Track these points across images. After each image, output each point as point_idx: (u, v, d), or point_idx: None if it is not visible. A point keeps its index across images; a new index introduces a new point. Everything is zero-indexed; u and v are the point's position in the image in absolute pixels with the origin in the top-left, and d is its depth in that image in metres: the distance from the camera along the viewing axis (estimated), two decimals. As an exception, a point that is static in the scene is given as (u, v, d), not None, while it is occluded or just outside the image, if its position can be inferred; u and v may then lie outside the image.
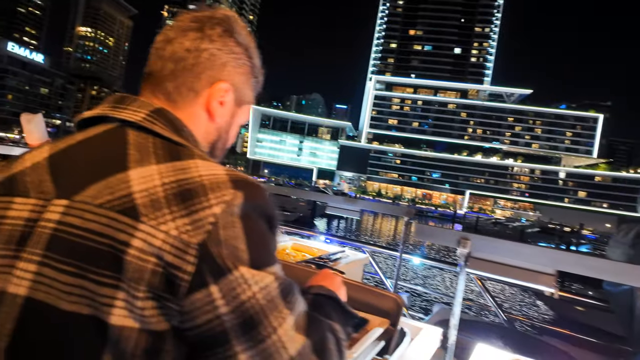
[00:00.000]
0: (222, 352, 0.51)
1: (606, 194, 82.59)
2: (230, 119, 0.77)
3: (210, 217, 0.53)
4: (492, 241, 1.22)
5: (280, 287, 0.55)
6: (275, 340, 0.52)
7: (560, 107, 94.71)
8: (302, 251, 2.56)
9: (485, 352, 1.15)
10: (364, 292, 1.34)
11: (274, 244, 0.60)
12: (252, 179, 0.61)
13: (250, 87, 0.79)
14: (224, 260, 0.52)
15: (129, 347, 0.50)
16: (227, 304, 0.51)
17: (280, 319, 0.53)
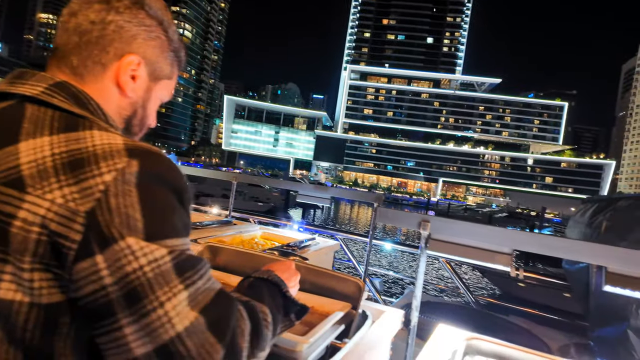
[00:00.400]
0: (109, 325, 0.50)
1: (571, 179, 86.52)
2: (146, 94, 0.75)
3: (100, 185, 0.51)
4: (451, 223, 1.23)
5: (175, 261, 0.53)
6: (160, 315, 0.50)
7: (528, 96, 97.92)
8: (272, 240, 2.54)
9: (444, 331, 1.16)
10: (326, 277, 1.33)
11: (179, 217, 0.57)
12: (155, 148, 0.59)
13: (168, 62, 0.76)
14: (112, 230, 0.50)
15: (20, 322, 0.49)
16: (112, 274, 0.49)
17: (170, 293, 0.51)
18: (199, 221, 2.57)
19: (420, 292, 1.27)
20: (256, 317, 0.65)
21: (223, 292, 0.59)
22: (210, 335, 0.53)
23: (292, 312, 0.77)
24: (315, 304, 1.29)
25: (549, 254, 1.11)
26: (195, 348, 0.52)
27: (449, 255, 1.31)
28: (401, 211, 1.33)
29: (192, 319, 0.52)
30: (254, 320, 0.64)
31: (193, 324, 0.52)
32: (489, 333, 1.88)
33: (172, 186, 0.57)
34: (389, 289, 9.31)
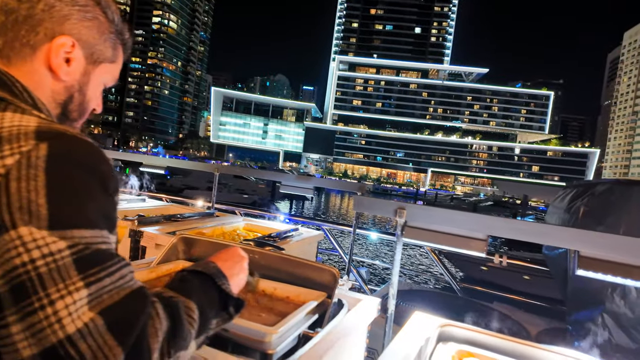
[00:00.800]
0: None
1: (557, 167, 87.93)
2: (83, 78, 0.70)
3: (0, 169, 0.48)
4: (427, 209, 1.22)
5: (76, 256, 0.49)
6: (48, 314, 0.46)
7: (516, 86, 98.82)
8: (254, 231, 2.52)
9: (419, 318, 1.15)
10: (303, 267, 1.31)
11: (97, 206, 0.53)
12: (72, 130, 0.55)
13: (109, 44, 0.72)
14: (5, 216, 0.47)
15: None
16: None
17: (65, 291, 0.47)
18: (180, 213, 2.53)
19: (397, 279, 1.26)
20: (177, 315, 0.60)
21: (140, 291, 0.55)
22: (110, 337, 0.48)
23: (231, 305, 0.73)
24: (291, 294, 1.28)
25: (522, 238, 1.11)
26: (90, 352, 0.47)
27: (425, 243, 1.31)
28: (377, 199, 1.31)
29: (86, 320, 0.48)
30: (174, 319, 0.59)
31: (88, 325, 0.47)
32: (469, 319, 1.90)
33: (90, 171, 0.53)
34: (382, 279, 9.38)
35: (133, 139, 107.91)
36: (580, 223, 1.69)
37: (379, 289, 2.36)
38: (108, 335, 0.48)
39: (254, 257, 1.34)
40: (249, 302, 1.23)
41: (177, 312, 0.61)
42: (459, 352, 1.04)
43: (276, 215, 3.98)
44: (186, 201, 4.02)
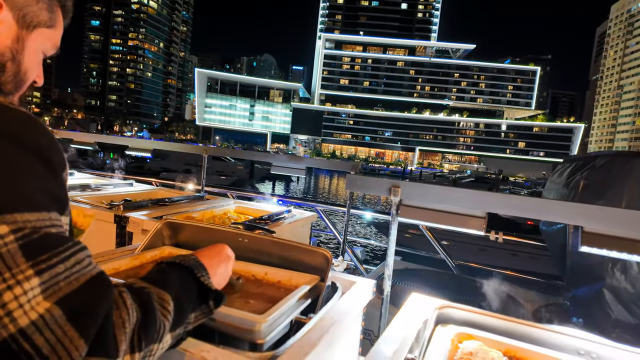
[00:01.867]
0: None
1: (543, 143, 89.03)
2: (15, 44, 0.61)
3: None
4: (422, 187, 1.17)
5: (22, 241, 0.44)
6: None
7: (505, 62, 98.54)
8: (245, 214, 2.46)
9: (416, 300, 1.12)
10: (293, 249, 1.26)
11: (40, 185, 0.48)
12: (7, 101, 0.51)
13: (44, 6, 0.63)
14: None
15: None
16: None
17: (13, 281, 0.42)
18: (168, 197, 2.45)
19: (392, 260, 1.21)
20: (148, 306, 0.56)
21: (99, 278, 0.50)
22: (70, 328, 0.44)
23: (211, 299, 0.70)
24: (283, 278, 1.23)
25: (523, 215, 1.07)
26: (48, 345, 0.43)
27: (421, 222, 1.26)
28: (371, 177, 1.25)
29: (42, 310, 0.43)
30: (145, 310, 0.55)
31: (44, 316, 0.43)
32: (466, 297, 1.89)
33: (27, 146, 0.48)
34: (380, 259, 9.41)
35: (117, 123, 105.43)
36: (580, 197, 1.66)
37: (375, 269, 2.34)
38: (68, 326, 0.44)
39: (244, 242, 1.28)
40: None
41: (149, 303, 0.57)
42: (458, 335, 1.01)
43: (269, 198, 3.93)
44: (176, 184, 3.93)
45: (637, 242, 0.90)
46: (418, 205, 1.18)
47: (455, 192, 1.13)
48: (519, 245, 7.15)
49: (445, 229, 1.29)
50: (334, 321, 1.05)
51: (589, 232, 0.94)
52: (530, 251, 7.14)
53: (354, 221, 14.20)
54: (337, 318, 1.06)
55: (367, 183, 1.26)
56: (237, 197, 3.36)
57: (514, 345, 0.98)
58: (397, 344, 0.99)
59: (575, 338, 0.94)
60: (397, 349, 0.97)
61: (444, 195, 1.14)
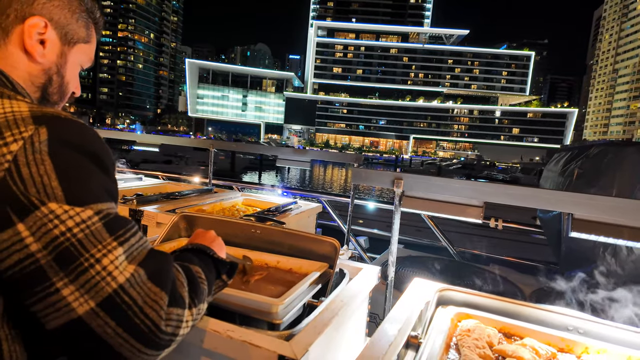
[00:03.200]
0: (43, 291, 0.49)
1: (536, 129, 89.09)
2: (60, 59, 0.70)
3: (8, 155, 0.50)
4: (423, 179, 1.24)
5: (104, 221, 0.54)
6: (99, 270, 0.51)
7: (501, 48, 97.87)
8: (253, 205, 2.53)
9: (418, 284, 1.20)
10: (303, 239, 1.34)
11: (99, 182, 0.57)
12: (65, 113, 0.57)
13: (81, 24, 0.71)
14: (30, 198, 0.49)
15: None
16: (38, 240, 0.49)
17: (105, 250, 0.52)
18: (178, 191, 2.52)
19: (395, 247, 1.29)
20: (190, 273, 0.67)
21: (156, 250, 0.61)
22: (152, 284, 0.55)
23: (224, 272, 0.80)
24: (294, 266, 1.31)
25: (517, 203, 1.15)
26: (140, 297, 0.53)
27: (423, 212, 1.34)
28: (374, 170, 1.33)
29: (131, 271, 0.53)
30: (190, 276, 0.66)
31: (133, 275, 0.53)
32: (466, 282, 1.98)
33: (87, 151, 0.56)
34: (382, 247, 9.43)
35: (109, 116, 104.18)
36: (574, 185, 1.74)
37: (378, 256, 2.43)
38: (150, 283, 0.55)
39: (256, 233, 1.36)
40: (254, 275, 1.26)
41: (190, 271, 0.68)
42: (457, 315, 1.10)
43: (274, 189, 4.00)
44: (182, 178, 3.98)
45: (623, 228, 0.98)
46: (420, 196, 1.25)
47: (455, 183, 1.21)
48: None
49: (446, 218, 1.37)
50: (343, 304, 1.13)
51: (579, 218, 1.02)
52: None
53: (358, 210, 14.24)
54: (346, 301, 1.15)
55: (371, 176, 1.33)
56: (241, 188, 3.43)
57: (508, 323, 1.07)
58: (401, 324, 1.08)
59: (564, 315, 1.03)
60: (401, 327, 1.06)
61: (444, 186, 1.21)
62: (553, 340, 0.99)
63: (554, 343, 0.99)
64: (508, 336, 1.04)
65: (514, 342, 1.01)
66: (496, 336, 1.01)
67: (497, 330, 1.05)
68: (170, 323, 0.56)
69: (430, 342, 0.96)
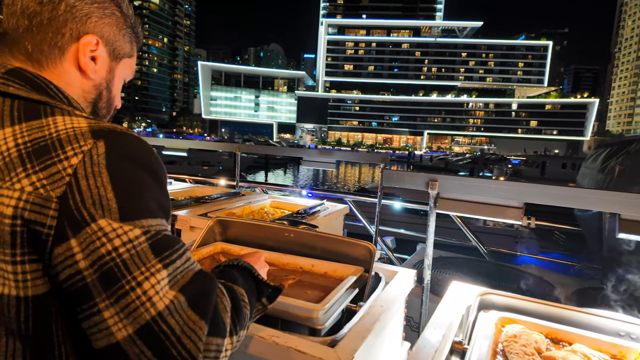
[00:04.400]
0: (88, 309, 0.49)
1: (555, 121, 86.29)
2: (109, 74, 0.73)
3: (68, 168, 0.51)
4: (459, 180, 1.22)
5: (151, 241, 0.53)
6: (139, 295, 0.49)
7: (519, 39, 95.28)
8: (281, 208, 2.54)
9: (457, 288, 1.18)
10: (337, 243, 1.33)
11: (154, 197, 0.56)
12: (121, 127, 0.58)
13: (127, 39, 0.74)
14: (83, 212, 0.50)
15: (13, 315, 0.49)
16: (86, 257, 0.49)
17: (148, 273, 0.51)
18: (208, 195, 2.56)
19: (431, 250, 1.28)
20: (235, 296, 0.65)
21: (202, 272, 0.59)
22: (192, 312, 0.53)
23: (264, 296, 0.78)
24: (329, 269, 1.31)
25: (559, 204, 1.11)
26: (179, 326, 0.51)
27: (459, 213, 1.31)
28: (407, 172, 1.31)
29: (171, 297, 0.52)
30: (234, 299, 0.64)
31: (173, 302, 0.51)
32: (502, 284, 1.94)
33: (143, 164, 0.56)
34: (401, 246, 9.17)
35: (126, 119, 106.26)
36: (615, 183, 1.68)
37: (409, 257, 2.40)
38: (190, 310, 0.52)
39: (289, 237, 1.36)
40: (288, 279, 1.26)
41: (235, 294, 0.66)
42: (501, 319, 1.07)
43: (298, 190, 4.01)
44: (209, 181, 4.04)
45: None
46: (455, 198, 1.23)
47: (492, 183, 1.18)
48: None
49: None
50: (383, 309, 1.12)
51: (628, 219, 0.99)
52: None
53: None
54: (386, 306, 1.13)
55: (403, 177, 1.31)
56: (266, 190, 3.45)
57: (555, 328, 1.04)
58: (443, 329, 1.06)
59: (615, 320, 1.00)
60: (444, 333, 1.04)
61: (481, 187, 1.19)
62: (604, 347, 0.95)
63: (606, 349, 0.95)
64: (556, 342, 1.01)
65: (562, 348, 0.99)
66: (544, 342, 0.98)
67: (544, 335, 1.02)
68: (208, 354, 0.54)
69: (476, 349, 0.94)
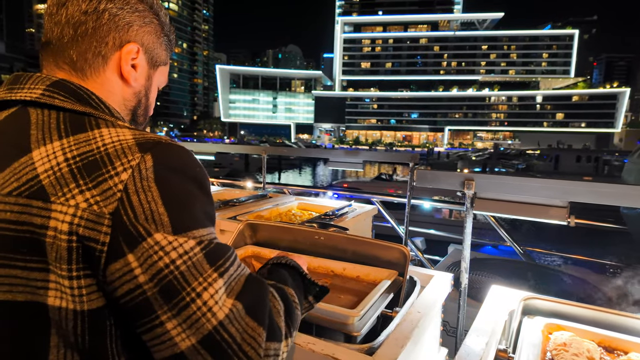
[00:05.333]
0: (150, 322, 0.50)
1: (584, 112, 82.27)
2: (147, 82, 0.73)
3: (119, 184, 0.51)
4: (497, 179, 1.17)
5: (205, 251, 0.54)
6: (200, 306, 0.51)
7: (545, 28, 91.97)
8: (308, 210, 2.53)
9: (498, 292, 1.13)
10: (369, 245, 1.30)
11: (202, 206, 0.57)
12: (165, 138, 0.59)
13: (163, 47, 0.75)
14: (139, 227, 0.50)
15: (71, 327, 0.50)
16: (145, 272, 0.49)
17: (206, 284, 0.52)
18: (236, 198, 2.58)
19: (468, 252, 1.23)
20: (286, 298, 0.65)
21: (252, 276, 0.59)
22: (250, 319, 0.53)
23: (311, 294, 0.78)
24: (361, 273, 1.27)
25: (608, 202, 1.05)
26: (239, 334, 0.52)
27: (497, 214, 1.26)
28: (441, 171, 1.26)
29: (229, 306, 0.53)
30: (286, 301, 0.64)
31: (232, 310, 0.52)
32: (542, 287, 1.85)
33: (189, 176, 0.57)
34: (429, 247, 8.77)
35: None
36: None
37: (441, 260, 2.33)
38: (248, 317, 0.53)
39: (320, 239, 1.33)
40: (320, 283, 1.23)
41: (286, 295, 0.66)
42: (547, 326, 1.01)
43: (324, 191, 3.99)
44: (236, 184, 4.08)
45: None
46: (493, 198, 1.18)
47: (533, 182, 1.12)
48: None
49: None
50: (421, 315, 1.08)
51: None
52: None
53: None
54: (423, 312, 1.09)
55: (437, 177, 1.27)
56: (292, 192, 3.45)
57: (608, 336, 0.97)
58: (486, 336, 1.01)
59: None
60: (487, 341, 0.99)
61: (521, 186, 1.13)
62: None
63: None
64: (609, 350, 0.95)
65: (617, 357, 0.92)
66: (597, 351, 0.92)
67: (596, 343, 0.96)
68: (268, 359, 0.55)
69: (523, 358, 0.89)
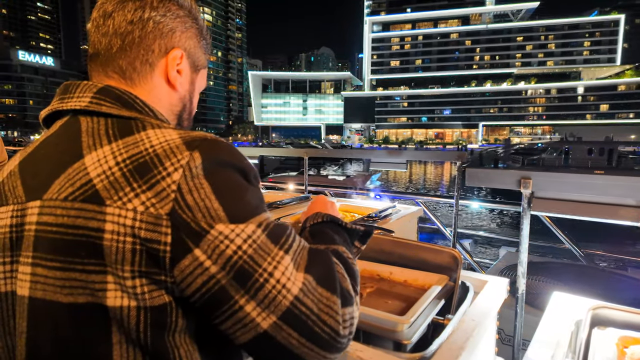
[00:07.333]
0: (229, 309, 0.52)
1: (631, 102, 75.96)
2: (190, 86, 0.75)
3: (172, 185, 0.53)
4: (557, 177, 1.08)
5: (266, 232, 0.55)
6: (274, 284, 0.53)
7: (591, 15, 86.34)
8: (351, 211, 2.49)
9: (561, 300, 1.04)
10: (418, 249, 1.25)
11: (252, 195, 0.58)
12: (210, 135, 0.60)
13: (202, 50, 0.76)
14: (199, 223, 0.52)
15: (133, 324, 0.52)
16: (215, 262, 0.51)
17: (275, 262, 0.54)
18: (279, 200, 2.59)
19: (525, 256, 1.14)
20: (344, 260, 0.66)
21: (313, 248, 0.62)
22: (323, 290, 0.55)
23: (356, 239, 0.78)
24: (409, 277, 1.22)
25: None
26: (315, 305, 0.54)
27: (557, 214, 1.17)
28: (494, 169, 1.18)
29: (301, 279, 0.55)
30: (344, 263, 0.65)
31: (305, 284, 0.55)
32: (609, 293, 1.70)
33: (236, 168, 0.58)
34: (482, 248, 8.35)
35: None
36: None
37: (494, 263, 2.21)
38: (320, 288, 0.55)
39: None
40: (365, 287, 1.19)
41: (341, 256, 0.66)
42: (622, 339, 0.92)
43: (366, 192, 3.94)
44: (278, 186, 4.13)
45: None
46: (553, 197, 1.09)
47: (599, 179, 1.02)
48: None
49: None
50: (475, 323, 1.02)
51: None
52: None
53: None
54: (477, 320, 1.03)
55: (490, 176, 1.19)
56: (333, 194, 3.43)
57: (695, 348, 0.87)
58: (550, 349, 0.94)
59: None
60: (552, 354, 0.92)
61: (585, 184, 1.04)
62: None
63: None
64: (698, 365, 0.85)
65: None
66: (684, 366, 0.82)
67: (683, 358, 0.86)
68: (346, 325, 0.57)
69: (597, 373, 0.81)
